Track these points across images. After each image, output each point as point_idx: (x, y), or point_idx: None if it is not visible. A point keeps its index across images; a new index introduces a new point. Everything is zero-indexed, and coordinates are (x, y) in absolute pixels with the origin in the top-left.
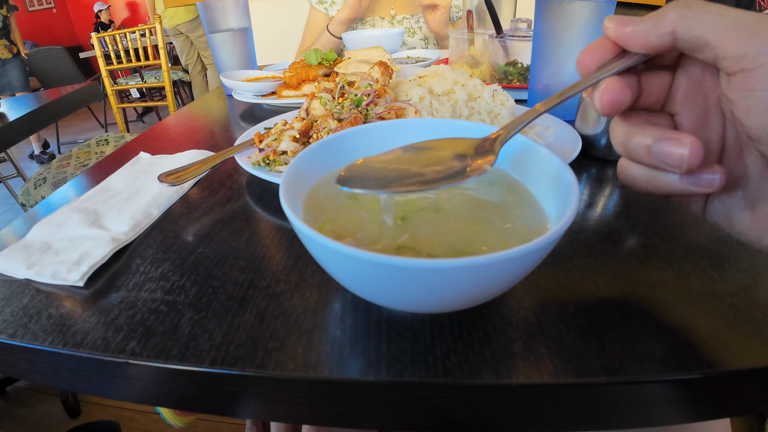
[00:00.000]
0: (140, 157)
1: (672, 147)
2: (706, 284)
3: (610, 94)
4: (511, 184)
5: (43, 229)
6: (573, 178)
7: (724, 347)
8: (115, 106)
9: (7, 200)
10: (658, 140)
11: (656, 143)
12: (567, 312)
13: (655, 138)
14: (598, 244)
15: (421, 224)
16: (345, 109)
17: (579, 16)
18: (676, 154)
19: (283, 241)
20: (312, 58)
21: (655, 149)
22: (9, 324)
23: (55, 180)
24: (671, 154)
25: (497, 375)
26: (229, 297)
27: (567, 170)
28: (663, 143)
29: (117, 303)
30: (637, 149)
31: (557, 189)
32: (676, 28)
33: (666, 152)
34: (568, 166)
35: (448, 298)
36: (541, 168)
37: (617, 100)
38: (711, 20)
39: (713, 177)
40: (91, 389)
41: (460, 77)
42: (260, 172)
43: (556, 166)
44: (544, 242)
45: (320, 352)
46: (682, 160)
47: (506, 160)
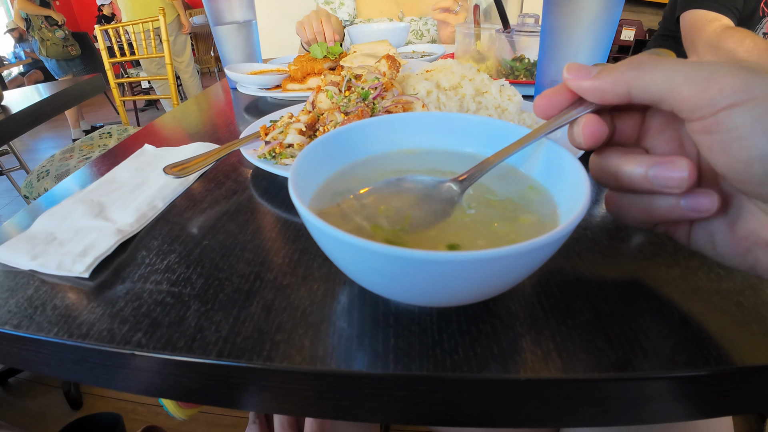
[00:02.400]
0: (145, 149)
1: (669, 170)
2: (713, 282)
3: (590, 128)
4: (521, 178)
5: (48, 220)
6: (583, 171)
7: (731, 345)
8: (118, 98)
9: (10, 192)
10: (653, 165)
11: (652, 168)
12: (575, 307)
13: (649, 164)
14: (606, 241)
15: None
16: (352, 103)
17: (588, 11)
18: (675, 177)
19: (290, 234)
20: (317, 51)
21: (652, 174)
22: (14, 315)
23: (58, 172)
24: (670, 177)
25: (505, 369)
26: (236, 289)
27: (576, 163)
28: (659, 168)
29: (122, 294)
30: (632, 177)
31: (567, 182)
32: (629, 88)
33: (664, 176)
34: (577, 159)
35: (458, 292)
36: (550, 162)
37: (597, 132)
38: (663, 78)
39: (710, 200)
40: (96, 381)
41: (468, 72)
42: (266, 164)
43: (565, 160)
44: (557, 236)
45: (327, 345)
46: (682, 181)
47: (514, 155)
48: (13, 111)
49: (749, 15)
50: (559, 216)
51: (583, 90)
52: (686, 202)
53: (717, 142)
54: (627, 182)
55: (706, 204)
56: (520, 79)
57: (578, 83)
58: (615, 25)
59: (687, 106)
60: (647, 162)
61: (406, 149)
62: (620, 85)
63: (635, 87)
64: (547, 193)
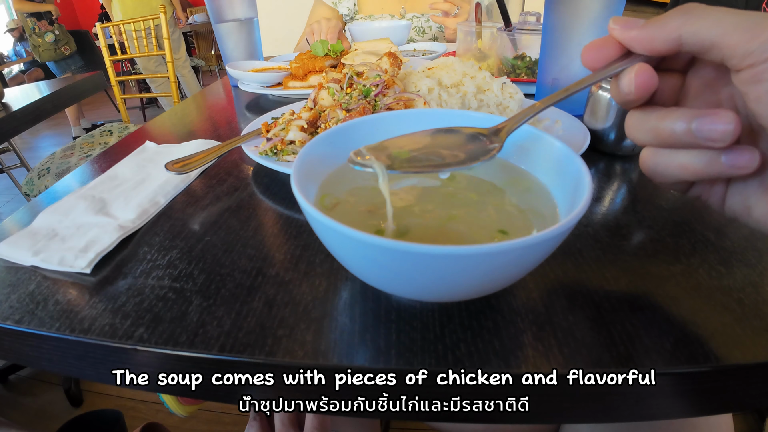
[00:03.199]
0: (146, 146)
1: (714, 122)
2: (714, 279)
3: (643, 76)
4: (521, 174)
5: (49, 216)
6: (585, 168)
7: (733, 341)
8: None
9: (11, 190)
10: (697, 118)
11: (695, 121)
12: (576, 304)
13: (692, 116)
14: (607, 238)
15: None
16: (353, 100)
17: (590, 9)
18: (720, 129)
19: (291, 231)
20: (319, 49)
21: (695, 127)
22: (15, 310)
23: (59, 170)
24: (714, 129)
25: (507, 365)
26: (238, 285)
27: (578, 160)
28: (704, 120)
29: (124, 290)
30: (674, 130)
31: (568, 179)
32: (681, 33)
33: (708, 128)
34: (579, 156)
35: (460, 286)
36: (551, 158)
37: (650, 83)
38: (714, 23)
39: (752, 156)
40: (98, 376)
41: (470, 69)
42: (268, 161)
43: (566, 157)
44: (559, 230)
45: (330, 340)
46: (727, 134)
47: (516, 151)
48: (14, 108)
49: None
50: (559, 212)
51: (631, 38)
52: (727, 158)
53: (765, 92)
54: (668, 136)
55: (746, 160)
56: (521, 77)
57: (626, 33)
58: None
59: (738, 51)
60: (690, 114)
61: None
62: (671, 30)
63: (686, 32)
64: (545, 189)
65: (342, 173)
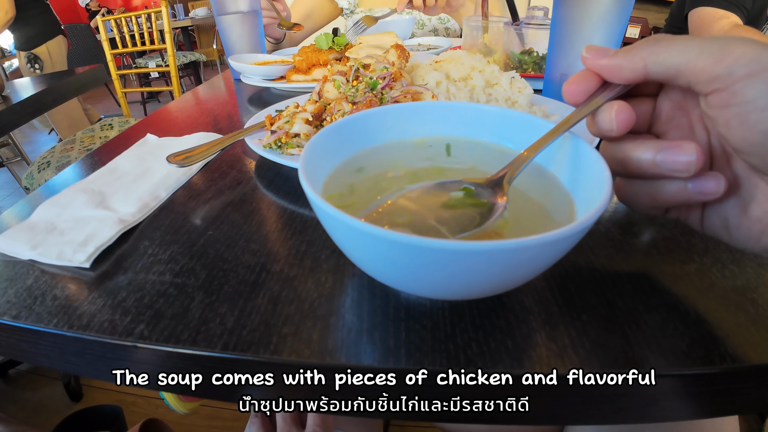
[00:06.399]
0: (147, 138)
1: (677, 154)
2: (728, 279)
3: (623, 114)
4: (537, 170)
5: (48, 209)
6: (603, 163)
7: (748, 342)
8: (120, 90)
9: (11, 184)
10: (661, 150)
11: (660, 153)
12: (589, 303)
13: (657, 149)
14: (619, 236)
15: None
16: (359, 92)
17: (599, 3)
18: (683, 160)
19: (296, 225)
20: (322, 42)
21: (660, 159)
22: (12, 305)
23: (59, 164)
24: (677, 161)
25: (520, 365)
26: (241, 281)
27: (596, 154)
28: (667, 152)
29: (124, 285)
30: (640, 163)
31: (584, 174)
32: (646, 64)
33: (672, 160)
34: (596, 150)
35: (473, 283)
36: (564, 153)
37: (630, 119)
38: (679, 52)
39: (717, 183)
40: (96, 373)
41: (478, 63)
42: (272, 154)
43: (582, 151)
44: (578, 228)
45: (337, 339)
46: (690, 165)
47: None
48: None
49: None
50: (576, 209)
51: (601, 67)
52: (693, 185)
53: (734, 115)
54: (636, 168)
55: (712, 186)
56: (528, 72)
57: (596, 62)
58: (627, 19)
59: (703, 77)
60: (655, 147)
61: (417, 138)
62: (637, 60)
63: (651, 62)
64: (561, 186)
65: (349, 165)
